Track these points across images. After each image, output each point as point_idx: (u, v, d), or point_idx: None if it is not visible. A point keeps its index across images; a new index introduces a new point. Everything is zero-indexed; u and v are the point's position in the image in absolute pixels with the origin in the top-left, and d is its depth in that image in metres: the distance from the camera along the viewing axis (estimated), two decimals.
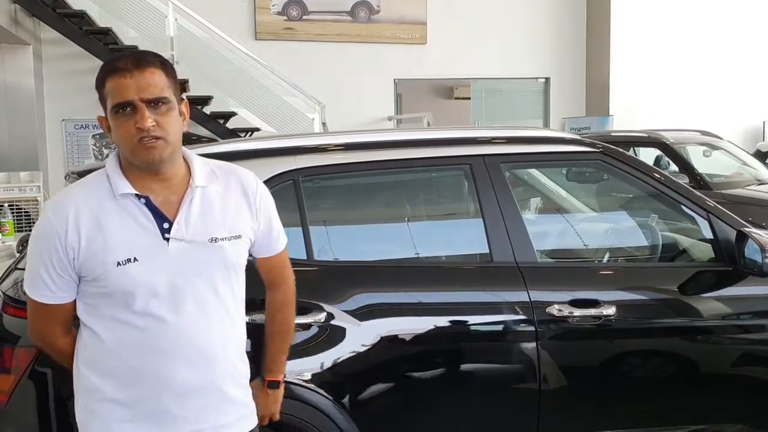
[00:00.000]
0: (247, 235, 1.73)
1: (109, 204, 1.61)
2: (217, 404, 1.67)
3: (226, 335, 1.69)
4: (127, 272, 1.57)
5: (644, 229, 3.17)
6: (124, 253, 1.57)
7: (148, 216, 1.61)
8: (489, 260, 2.61)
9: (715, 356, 2.73)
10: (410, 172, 2.89)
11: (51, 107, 9.19)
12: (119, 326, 1.60)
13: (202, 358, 1.63)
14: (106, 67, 1.63)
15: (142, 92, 1.56)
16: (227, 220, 1.69)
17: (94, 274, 1.58)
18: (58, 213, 1.60)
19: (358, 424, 2.38)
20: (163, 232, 1.61)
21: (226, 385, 1.69)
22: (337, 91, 10.32)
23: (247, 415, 1.76)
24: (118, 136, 1.59)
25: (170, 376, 1.60)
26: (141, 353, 1.60)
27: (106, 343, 1.61)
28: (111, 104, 1.58)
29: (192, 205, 1.64)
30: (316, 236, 2.56)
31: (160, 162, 1.60)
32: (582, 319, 2.53)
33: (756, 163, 8.21)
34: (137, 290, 1.57)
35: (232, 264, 1.69)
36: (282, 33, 10.73)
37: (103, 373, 1.62)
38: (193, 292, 1.62)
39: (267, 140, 2.92)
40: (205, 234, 1.64)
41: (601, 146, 2.86)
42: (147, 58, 1.61)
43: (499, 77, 11.84)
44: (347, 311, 2.40)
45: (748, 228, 2.73)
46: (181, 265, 1.61)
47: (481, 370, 2.58)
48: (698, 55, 11.69)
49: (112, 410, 1.61)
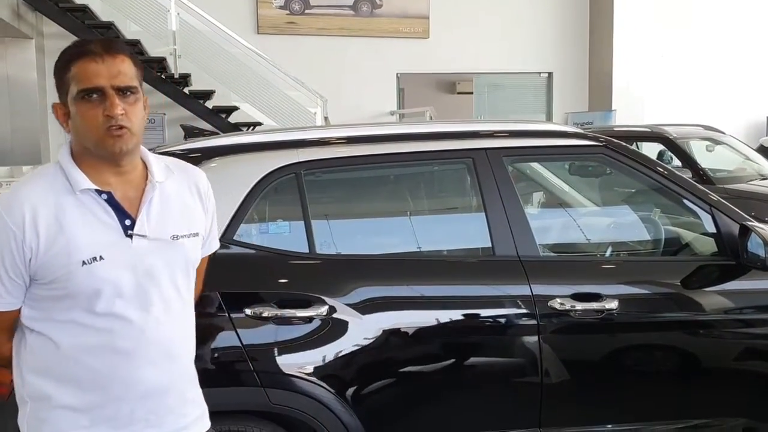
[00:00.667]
0: (201, 234, 1.69)
1: (67, 200, 1.50)
2: (177, 405, 1.62)
3: (186, 334, 1.66)
4: (93, 271, 1.48)
5: (647, 223, 3.16)
6: (88, 251, 1.48)
7: (109, 212, 1.53)
8: (491, 254, 2.60)
9: (717, 351, 2.72)
10: (412, 166, 2.89)
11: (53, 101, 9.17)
12: (78, 329, 1.51)
13: (166, 358, 1.58)
14: (72, 50, 1.53)
15: (114, 79, 1.49)
16: (185, 217, 1.64)
17: (53, 276, 1.48)
18: (12, 212, 1.47)
19: (360, 417, 2.38)
20: (125, 229, 1.53)
21: (185, 385, 1.65)
22: (339, 86, 10.31)
23: (201, 416, 1.70)
24: (83, 124, 1.50)
25: (134, 377, 1.53)
26: (103, 356, 1.51)
27: (63, 348, 1.51)
28: (77, 89, 1.49)
29: (153, 202, 1.58)
30: (318, 230, 2.56)
31: (126, 153, 1.52)
32: (584, 312, 2.53)
33: (759, 158, 8.19)
34: (103, 290, 1.49)
35: (191, 262, 1.65)
36: (284, 27, 10.72)
37: (56, 380, 1.52)
38: (157, 291, 1.56)
39: (269, 133, 2.92)
40: (166, 231, 1.59)
41: (604, 140, 2.85)
42: (118, 45, 1.54)
43: (501, 72, 11.82)
44: (349, 304, 2.40)
45: (752, 222, 2.73)
46: (144, 263, 1.54)
47: (483, 363, 2.58)
48: (701, 50, 11.66)
49: (65, 417, 1.52)
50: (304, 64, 9.95)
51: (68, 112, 1.54)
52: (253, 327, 2.32)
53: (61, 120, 1.57)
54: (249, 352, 2.30)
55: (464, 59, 11.38)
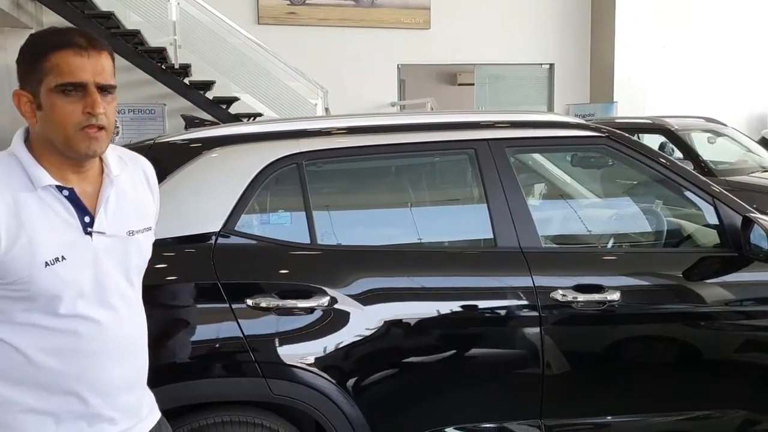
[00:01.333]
0: (153, 228, 1.66)
1: (26, 197, 1.42)
2: (137, 400, 1.62)
3: (142, 329, 1.64)
4: (56, 272, 1.42)
5: (649, 215, 3.15)
6: (51, 252, 1.42)
7: (69, 209, 1.46)
8: (493, 245, 2.59)
9: (719, 342, 2.72)
10: (414, 157, 2.88)
11: None
12: (40, 332, 1.45)
13: (130, 355, 1.56)
14: (53, 38, 1.46)
15: (97, 76, 1.43)
16: (139, 211, 1.61)
17: (14, 277, 1.40)
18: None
19: (362, 408, 2.38)
20: (84, 227, 1.48)
21: (143, 377, 1.64)
22: (340, 77, 10.29)
23: (154, 405, 1.70)
24: (58, 119, 1.42)
25: (101, 377, 1.50)
26: (68, 358, 1.47)
27: (23, 352, 1.45)
28: (57, 81, 1.41)
29: (110, 198, 1.53)
30: (320, 220, 2.55)
31: (98, 154, 1.48)
32: (586, 304, 2.52)
33: (761, 150, 8.19)
34: (65, 291, 1.44)
35: (145, 257, 1.62)
36: (285, 18, 10.68)
37: (18, 384, 1.46)
38: (116, 288, 1.53)
39: (270, 124, 2.90)
40: (122, 227, 1.54)
41: (606, 131, 2.84)
42: (101, 40, 1.47)
43: (503, 63, 11.79)
44: (351, 295, 2.39)
45: (754, 213, 2.72)
46: (104, 261, 1.50)
47: (484, 355, 2.58)
48: (703, 42, 11.63)
49: (32, 421, 1.48)
50: (305, 55, 9.92)
51: (36, 103, 1.45)
52: (255, 318, 2.31)
53: (24, 110, 1.48)
54: (250, 342, 2.29)
55: (465, 50, 11.35)
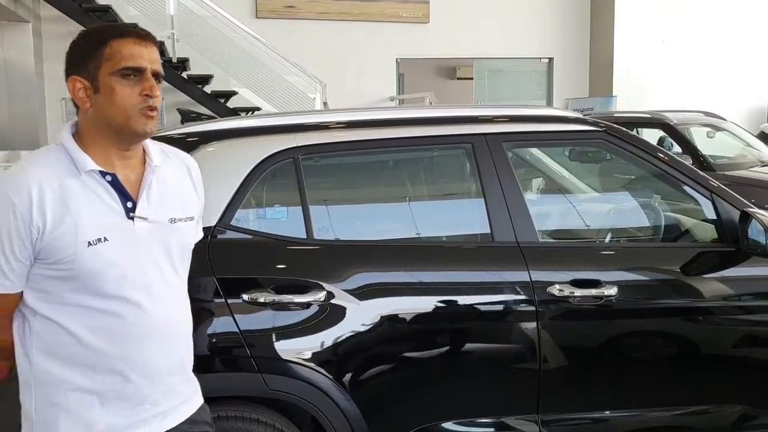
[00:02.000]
0: (195, 218, 1.73)
1: (71, 181, 1.52)
2: (180, 383, 1.67)
3: (187, 314, 1.70)
4: (98, 252, 1.50)
5: (647, 209, 3.14)
6: (94, 233, 1.50)
7: (112, 194, 1.56)
8: (490, 240, 2.59)
9: (716, 337, 2.71)
10: (411, 151, 2.87)
11: (51, 86, 9.15)
12: (86, 312, 1.53)
13: (171, 339, 1.62)
14: (110, 28, 1.59)
15: (153, 63, 1.57)
16: (181, 201, 1.68)
17: (59, 256, 1.49)
18: (18, 191, 1.48)
19: (358, 403, 2.38)
20: (127, 212, 1.56)
21: (187, 364, 1.70)
22: (338, 71, 10.26)
23: (197, 390, 1.76)
24: (117, 100, 1.53)
25: (143, 359, 1.57)
26: (113, 338, 1.54)
27: (71, 331, 1.53)
28: (118, 66, 1.53)
29: (152, 185, 1.61)
30: (316, 215, 2.54)
31: (151, 134, 1.58)
32: (583, 299, 2.52)
33: (760, 145, 8.17)
34: (107, 272, 1.52)
35: (187, 245, 1.69)
36: (283, 11, 10.65)
37: (67, 363, 1.54)
38: (159, 273, 1.60)
39: (266, 118, 2.89)
40: (165, 214, 1.62)
41: (604, 125, 2.83)
42: (152, 35, 1.62)
43: (502, 57, 11.77)
44: (347, 290, 2.38)
45: (752, 208, 2.71)
46: (146, 246, 1.58)
47: (481, 349, 2.57)
48: (702, 36, 11.61)
49: (80, 400, 1.55)
50: (304, 49, 9.90)
51: (92, 87, 1.55)
52: (251, 312, 2.31)
53: (79, 95, 1.57)
54: (246, 337, 2.29)
55: (464, 44, 11.33)
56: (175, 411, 1.65)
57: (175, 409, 1.65)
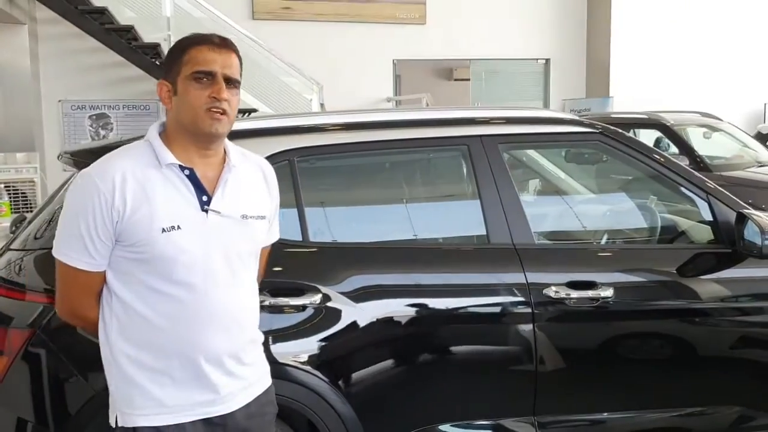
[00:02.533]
0: (268, 218, 1.83)
1: (152, 172, 1.65)
2: (243, 367, 1.76)
3: (252, 304, 1.80)
4: (171, 239, 1.62)
5: (643, 211, 3.14)
6: (168, 220, 1.62)
7: (189, 187, 1.67)
8: (486, 242, 2.58)
9: (713, 339, 2.71)
10: (407, 153, 2.86)
11: (47, 87, 9.13)
12: (156, 296, 1.64)
13: (236, 326, 1.72)
14: (191, 38, 1.72)
15: (225, 69, 1.67)
16: (254, 200, 1.79)
17: (135, 239, 1.62)
18: (104, 177, 1.62)
19: (354, 406, 2.37)
20: (201, 205, 1.67)
21: (245, 351, 1.78)
22: (335, 72, 10.26)
23: (264, 374, 1.86)
24: (187, 101, 1.65)
25: (206, 342, 1.67)
26: (178, 322, 1.65)
27: (142, 313, 1.65)
28: (191, 70, 1.65)
29: (228, 182, 1.72)
30: (312, 217, 2.54)
31: (219, 135, 1.68)
32: (579, 300, 2.52)
33: (756, 145, 8.18)
34: (179, 257, 1.62)
35: (257, 241, 1.80)
36: (279, 12, 10.65)
37: (139, 343, 1.66)
38: (228, 264, 1.70)
39: (262, 119, 2.89)
40: (237, 210, 1.72)
41: (600, 127, 2.83)
42: (231, 43, 1.73)
43: (498, 58, 11.77)
44: (343, 293, 2.38)
45: (748, 210, 2.71)
46: (218, 237, 1.68)
47: (477, 351, 2.57)
48: (699, 37, 11.62)
49: (152, 378, 1.66)
50: (300, 50, 9.90)
51: (172, 90, 1.69)
52: None
53: (163, 96, 1.72)
54: None
55: (461, 45, 11.33)
56: (242, 393, 1.75)
57: (241, 391, 1.75)
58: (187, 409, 1.68)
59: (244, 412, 1.76)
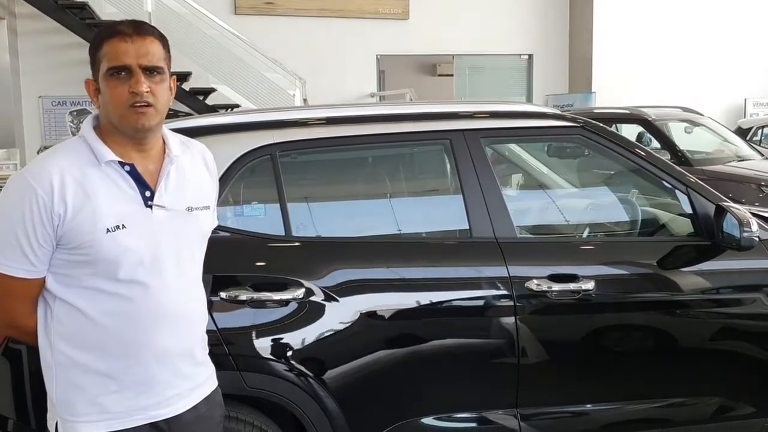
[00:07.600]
0: (212, 207, 1.79)
1: (91, 171, 1.58)
2: (192, 367, 1.72)
3: (201, 300, 1.76)
4: (116, 239, 1.56)
5: (624, 204, 3.17)
6: (112, 220, 1.57)
7: (131, 183, 1.61)
8: (468, 236, 2.59)
9: (693, 330, 2.74)
10: (389, 147, 2.87)
11: (27, 84, 9.05)
12: (101, 296, 1.59)
13: (185, 324, 1.68)
14: (104, 30, 1.62)
15: (141, 58, 1.57)
16: (198, 190, 1.74)
17: (79, 241, 1.55)
18: (40, 180, 1.54)
19: (338, 400, 2.37)
20: (145, 200, 1.62)
21: (198, 348, 1.75)
22: (318, 67, 10.23)
23: (211, 374, 1.82)
24: (109, 99, 1.58)
25: (156, 343, 1.63)
26: (126, 322, 1.60)
27: (88, 315, 1.59)
28: (106, 66, 1.57)
29: (170, 175, 1.67)
30: (294, 212, 2.53)
31: (148, 129, 1.61)
32: (560, 293, 2.54)
33: (737, 140, 8.26)
34: (124, 257, 1.57)
35: (204, 233, 1.76)
36: (262, 7, 10.60)
37: (84, 346, 1.60)
38: (175, 260, 1.65)
39: (244, 114, 2.87)
40: (182, 203, 1.68)
41: (581, 121, 2.85)
42: (147, 27, 1.63)
43: (482, 54, 11.79)
44: (326, 287, 2.38)
45: (727, 202, 2.74)
46: (163, 233, 1.63)
47: (460, 345, 2.58)
48: (681, 33, 11.70)
49: (97, 382, 1.61)
50: (283, 46, 9.86)
51: (98, 88, 1.62)
52: (229, 310, 2.30)
53: (91, 95, 1.65)
54: (224, 335, 2.27)
55: (444, 41, 11.33)
56: (190, 394, 1.71)
57: (189, 392, 1.71)
58: (132, 413, 1.62)
59: (192, 414, 1.71)
